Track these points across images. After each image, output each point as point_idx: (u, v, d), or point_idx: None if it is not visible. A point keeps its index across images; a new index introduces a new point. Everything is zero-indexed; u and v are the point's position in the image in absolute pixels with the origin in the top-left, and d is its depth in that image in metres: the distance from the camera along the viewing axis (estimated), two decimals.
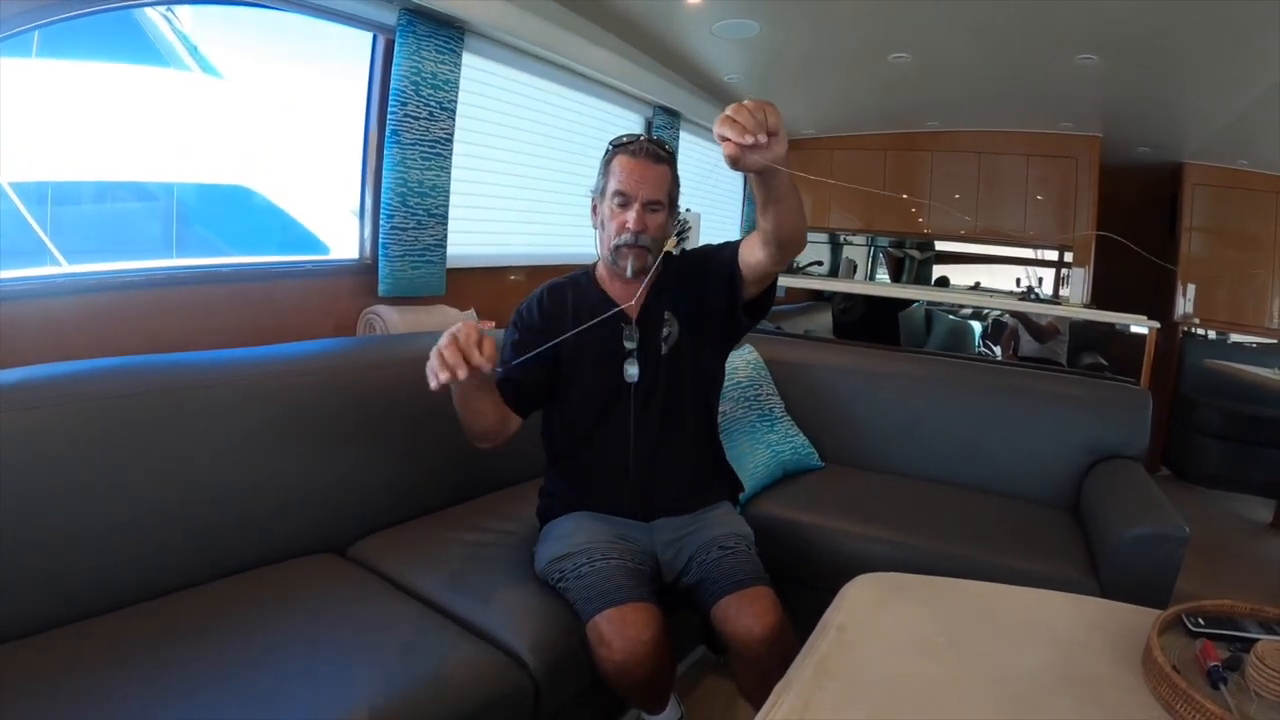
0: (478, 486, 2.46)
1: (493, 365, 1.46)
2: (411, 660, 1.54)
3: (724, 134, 1.29)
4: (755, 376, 2.95)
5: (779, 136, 1.32)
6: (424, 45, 2.77)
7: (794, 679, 1.33)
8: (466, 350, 1.43)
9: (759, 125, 1.28)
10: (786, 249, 1.70)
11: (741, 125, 1.27)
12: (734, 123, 1.28)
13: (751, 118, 1.28)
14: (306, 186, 2.86)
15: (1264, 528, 4.49)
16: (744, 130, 1.27)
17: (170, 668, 1.41)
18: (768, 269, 1.78)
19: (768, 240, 1.66)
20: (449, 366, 1.42)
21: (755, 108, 1.29)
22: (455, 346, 1.43)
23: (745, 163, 1.34)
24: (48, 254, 2.08)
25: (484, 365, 1.44)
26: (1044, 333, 5.06)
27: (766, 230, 1.63)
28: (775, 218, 1.58)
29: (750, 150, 1.30)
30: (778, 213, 1.57)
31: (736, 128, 1.27)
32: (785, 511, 2.52)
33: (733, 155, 1.31)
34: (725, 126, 1.28)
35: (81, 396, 1.65)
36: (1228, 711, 1.16)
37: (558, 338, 1.76)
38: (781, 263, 1.75)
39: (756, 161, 1.34)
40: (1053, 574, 2.13)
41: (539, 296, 2.00)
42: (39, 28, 1.94)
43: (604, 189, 1.90)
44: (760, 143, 1.29)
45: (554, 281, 2.04)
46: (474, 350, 1.44)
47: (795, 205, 1.57)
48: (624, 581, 1.76)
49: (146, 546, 1.68)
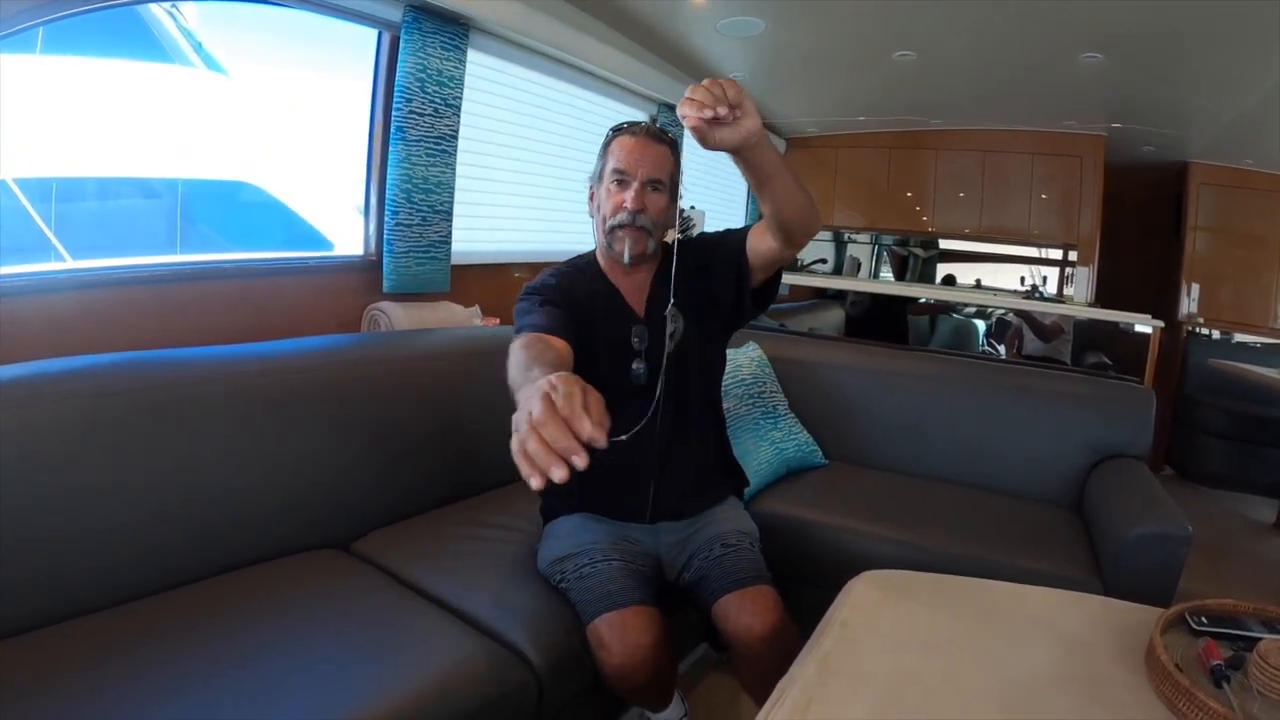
0: (482, 482, 2.46)
1: (606, 434, 0.98)
2: (415, 656, 1.54)
3: (684, 112, 1.30)
4: (759, 374, 2.95)
5: (745, 110, 1.34)
6: (429, 42, 2.77)
7: (797, 675, 1.33)
8: (574, 421, 0.97)
9: (717, 99, 1.29)
10: (794, 233, 1.67)
11: (700, 101, 1.29)
12: (693, 100, 1.29)
13: (709, 93, 1.29)
14: (311, 183, 2.86)
15: (1267, 528, 4.48)
16: (702, 105, 1.29)
17: (171, 664, 1.41)
18: (779, 255, 1.76)
19: (773, 226, 1.65)
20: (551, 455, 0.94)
21: (712, 84, 1.31)
22: (555, 417, 0.97)
23: (715, 140, 1.35)
24: (52, 250, 2.08)
25: (598, 439, 0.96)
26: (1048, 332, 5.07)
27: (768, 214, 1.63)
28: (771, 199, 1.57)
29: (715, 126, 1.33)
30: (772, 192, 1.56)
31: (695, 104, 1.29)
32: (789, 509, 2.52)
33: (696, 129, 1.32)
34: (686, 105, 1.30)
35: (83, 392, 1.66)
36: (1230, 710, 1.16)
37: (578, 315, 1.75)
38: (792, 248, 1.72)
39: (727, 137, 1.36)
40: (1056, 572, 2.13)
41: (553, 273, 1.92)
42: (43, 24, 1.94)
43: (601, 171, 1.87)
44: (721, 115, 1.30)
45: (557, 267, 1.97)
46: (582, 419, 0.97)
47: (790, 184, 1.56)
48: (625, 584, 1.75)
49: (148, 542, 1.69)
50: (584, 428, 0.95)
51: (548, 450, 0.93)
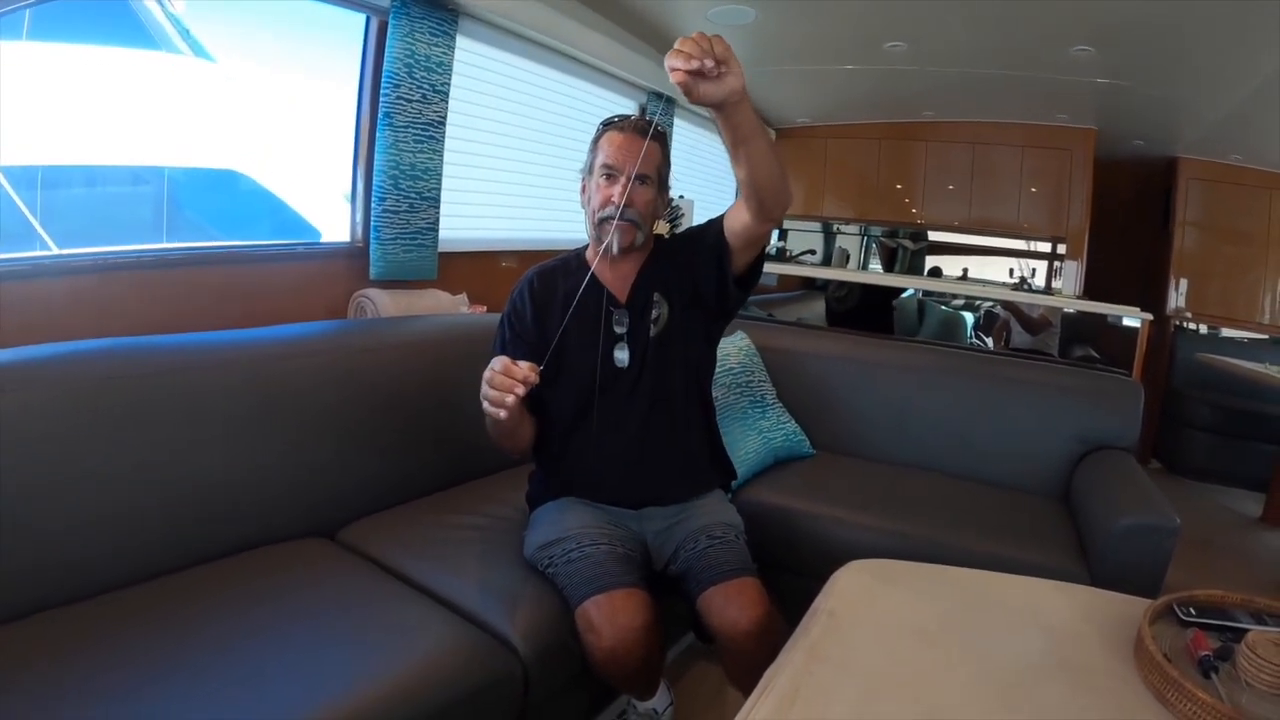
0: (468, 471, 2.45)
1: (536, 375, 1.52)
2: (400, 644, 1.53)
3: (672, 64, 1.31)
4: (747, 363, 2.94)
5: (730, 67, 1.35)
6: (417, 27, 2.75)
7: (784, 665, 1.32)
8: (509, 372, 1.51)
9: (705, 51, 1.30)
10: (766, 200, 1.66)
11: (686, 53, 1.30)
12: (680, 52, 1.31)
13: (697, 46, 1.30)
14: (298, 170, 2.84)
15: (1253, 521, 4.50)
16: (689, 57, 1.30)
17: (155, 652, 1.40)
18: (754, 230, 1.76)
19: (748, 194, 1.66)
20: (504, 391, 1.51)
21: (700, 37, 1.32)
22: (500, 377, 1.52)
23: (699, 93, 1.36)
24: (37, 238, 2.06)
25: (532, 378, 1.51)
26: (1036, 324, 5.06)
27: (742, 179, 1.62)
28: (747, 162, 1.57)
29: (700, 79, 1.33)
30: (748, 154, 1.55)
31: (682, 56, 1.30)
32: (777, 498, 2.52)
33: (683, 83, 1.33)
34: (673, 58, 1.31)
35: (66, 379, 1.64)
36: (1219, 701, 1.16)
37: (549, 329, 1.81)
38: (766, 219, 1.72)
39: (711, 91, 1.36)
40: (1043, 563, 2.12)
41: (529, 281, 1.97)
42: (30, 7, 1.92)
43: (592, 165, 1.88)
44: (708, 68, 1.31)
45: (543, 265, 2.01)
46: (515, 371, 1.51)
47: (765, 149, 1.57)
48: (613, 567, 1.75)
49: (128, 530, 1.67)
50: (518, 372, 1.50)
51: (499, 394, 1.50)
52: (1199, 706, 1.16)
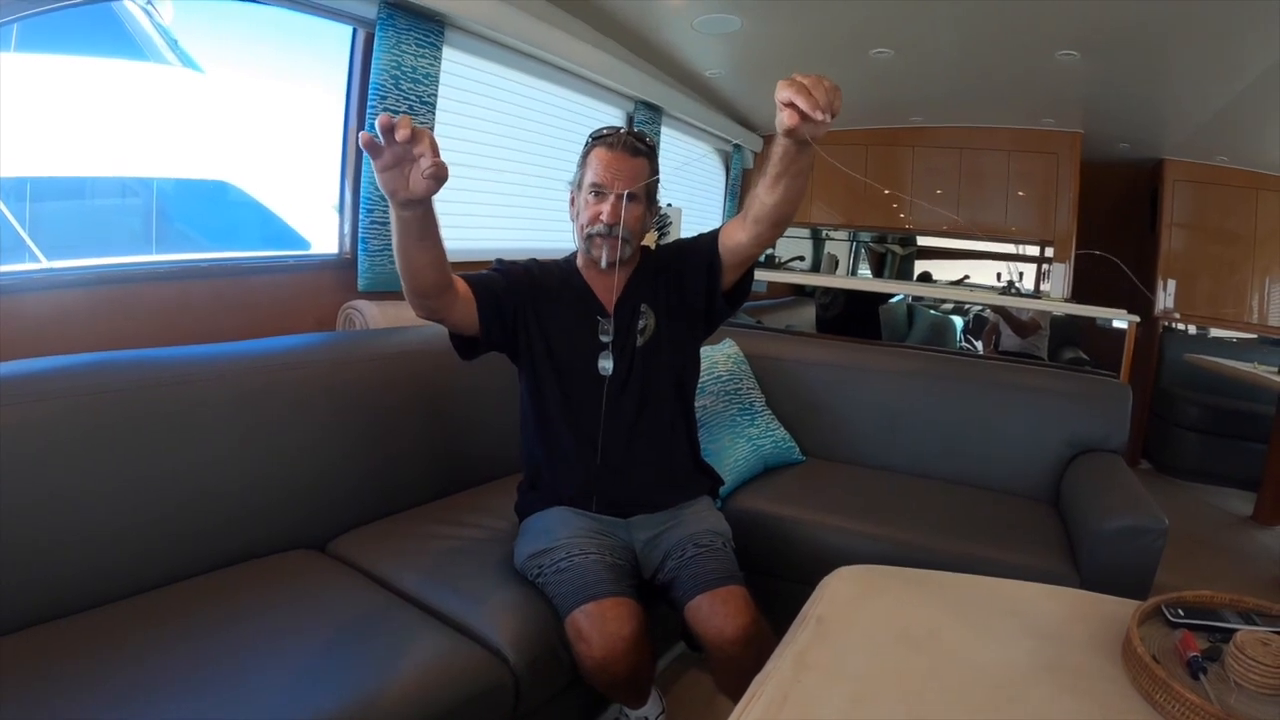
0: (457, 482, 2.45)
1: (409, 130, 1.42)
2: (391, 655, 1.52)
3: (795, 101, 1.30)
4: (736, 370, 2.95)
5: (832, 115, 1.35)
6: (404, 39, 2.75)
7: (773, 671, 1.33)
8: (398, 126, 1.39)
9: (829, 106, 1.30)
10: (779, 227, 1.71)
11: (815, 100, 1.29)
12: (809, 95, 1.29)
13: (826, 96, 1.30)
14: (287, 181, 2.84)
15: (1243, 520, 4.52)
16: (816, 106, 1.29)
17: (145, 663, 1.39)
18: (750, 251, 1.79)
19: (762, 217, 1.68)
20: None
21: (831, 89, 1.31)
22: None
23: (799, 132, 1.36)
24: (26, 250, 2.05)
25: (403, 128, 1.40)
26: (1025, 328, 5.09)
27: (767, 205, 1.64)
28: (784, 193, 1.60)
29: (805, 120, 1.33)
30: (788, 187, 1.59)
31: (810, 100, 1.29)
32: (766, 505, 2.52)
33: (794, 126, 1.34)
34: (800, 95, 1.30)
35: (56, 393, 1.63)
36: (1208, 702, 1.16)
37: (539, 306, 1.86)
38: (766, 243, 1.76)
39: (809, 133, 1.37)
40: (1033, 566, 2.13)
41: (528, 262, 2.00)
42: (17, 20, 1.92)
43: (580, 180, 1.89)
44: (818, 119, 1.32)
45: (538, 259, 2.03)
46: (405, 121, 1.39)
47: (804, 185, 1.61)
48: (603, 576, 1.75)
49: (121, 543, 1.66)
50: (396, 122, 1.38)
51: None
52: (1187, 707, 1.16)
